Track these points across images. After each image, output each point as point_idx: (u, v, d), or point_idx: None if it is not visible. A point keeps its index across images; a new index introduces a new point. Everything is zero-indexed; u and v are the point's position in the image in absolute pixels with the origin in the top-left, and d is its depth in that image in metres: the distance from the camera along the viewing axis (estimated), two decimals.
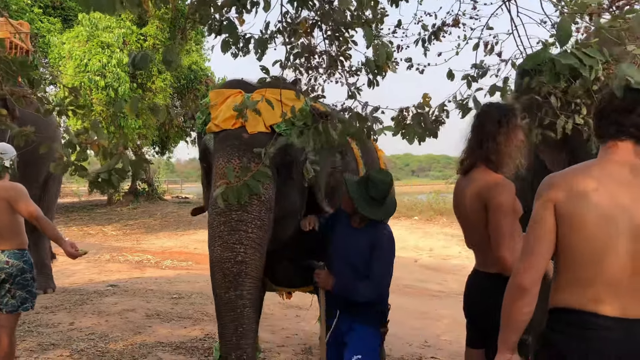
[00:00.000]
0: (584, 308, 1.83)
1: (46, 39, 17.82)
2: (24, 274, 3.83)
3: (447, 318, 6.21)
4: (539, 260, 1.90)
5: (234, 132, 2.98)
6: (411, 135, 2.47)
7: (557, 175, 1.96)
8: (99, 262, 10.59)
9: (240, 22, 2.44)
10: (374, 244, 2.96)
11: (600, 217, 1.80)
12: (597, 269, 1.81)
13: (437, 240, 13.04)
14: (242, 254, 2.81)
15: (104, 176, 2.13)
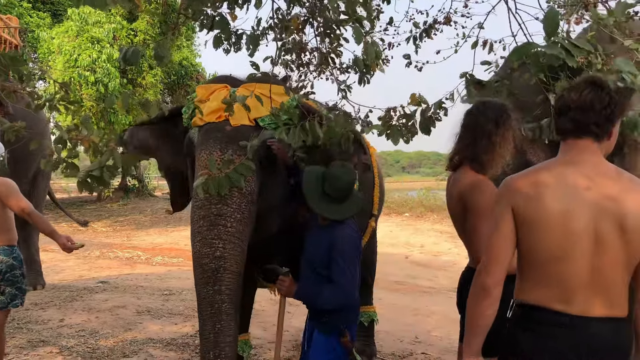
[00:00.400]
0: (550, 306, 1.84)
1: (35, 34, 17.68)
2: (13, 271, 3.80)
3: (438, 314, 6.24)
4: (501, 262, 1.92)
5: (218, 125, 2.97)
6: (395, 136, 2.48)
7: (516, 176, 1.96)
8: (89, 258, 10.53)
9: (232, 18, 2.44)
10: (332, 244, 2.78)
11: (559, 217, 1.81)
12: (558, 268, 1.82)
13: (428, 237, 13.07)
14: (220, 249, 2.79)
15: (95, 173, 2.11)
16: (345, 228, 2.84)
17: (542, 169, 1.93)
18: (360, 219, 3.91)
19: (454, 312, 2.74)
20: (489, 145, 2.50)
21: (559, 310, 1.83)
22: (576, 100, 1.88)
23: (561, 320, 1.82)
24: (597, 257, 1.79)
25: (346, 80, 3.00)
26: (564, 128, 1.93)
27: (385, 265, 9.14)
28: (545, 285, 1.86)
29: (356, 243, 2.87)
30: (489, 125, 2.51)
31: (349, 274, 2.76)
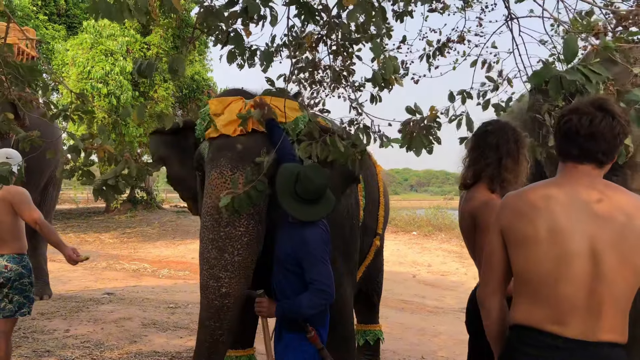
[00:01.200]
0: (543, 327, 1.81)
1: (50, 46, 17.92)
2: (22, 279, 3.82)
3: (445, 334, 6.19)
4: (492, 279, 1.96)
5: (229, 142, 2.97)
6: (419, 146, 2.47)
7: (509, 196, 1.96)
8: (95, 269, 10.55)
9: (247, 33, 2.46)
10: (303, 242, 2.75)
11: (552, 237, 1.78)
12: (553, 289, 1.79)
13: (436, 256, 13.01)
14: (226, 285, 2.81)
15: (111, 182, 2.13)
16: (316, 226, 2.81)
17: (537, 189, 1.91)
18: (365, 237, 3.91)
19: (461, 333, 2.72)
20: (513, 164, 2.50)
21: (552, 332, 1.78)
22: (587, 128, 1.82)
23: (555, 343, 1.77)
24: (595, 279, 1.75)
25: (358, 98, 3.01)
26: (568, 152, 1.89)
27: (392, 284, 9.12)
28: (539, 306, 1.83)
29: (324, 241, 2.82)
30: (513, 144, 2.51)
31: (323, 271, 2.74)
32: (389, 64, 2.36)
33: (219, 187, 2.84)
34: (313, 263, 2.72)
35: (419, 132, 2.43)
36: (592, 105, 1.85)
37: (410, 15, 3.25)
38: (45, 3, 18.93)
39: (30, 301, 3.91)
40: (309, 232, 2.77)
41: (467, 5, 3.76)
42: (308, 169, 2.76)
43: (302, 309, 2.73)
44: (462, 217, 2.62)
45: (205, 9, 2.25)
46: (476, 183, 2.57)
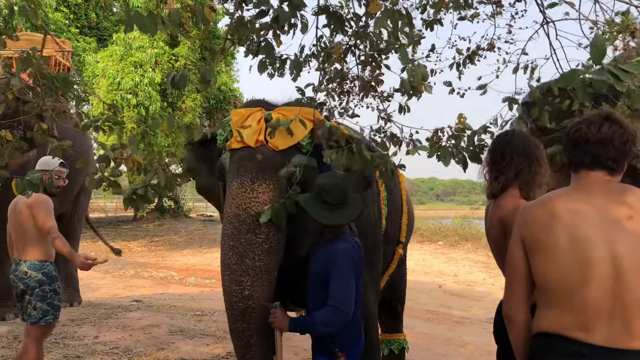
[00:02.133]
0: (569, 334, 1.80)
1: (81, 58, 18.31)
2: (42, 286, 3.86)
3: (471, 345, 6.12)
4: (517, 290, 1.95)
5: (250, 153, 3.00)
6: (447, 157, 2.46)
7: (527, 206, 1.98)
8: (124, 277, 10.70)
9: (278, 43, 2.50)
10: (330, 258, 2.75)
11: (573, 243, 1.79)
12: (577, 295, 1.79)
13: (462, 266, 12.88)
14: (248, 288, 2.82)
15: (140, 191, 2.17)
16: (344, 242, 2.81)
17: (554, 197, 1.93)
18: (387, 246, 3.90)
19: (488, 344, 2.71)
20: (542, 168, 2.52)
21: (578, 339, 1.77)
22: (595, 134, 1.89)
23: (582, 350, 1.76)
24: (617, 284, 1.75)
25: (387, 109, 3.01)
26: (579, 161, 1.94)
27: (418, 294, 9.05)
28: (563, 312, 1.82)
29: (352, 256, 2.78)
30: (537, 149, 2.53)
31: (344, 287, 2.70)
32: (418, 72, 2.37)
33: (240, 197, 2.88)
34: (335, 278, 2.70)
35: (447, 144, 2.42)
36: (599, 116, 1.92)
37: (440, 24, 3.25)
38: (76, 16, 19.38)
39: (55, 308, 3.94)
40: (339, 246, 2.78)
41: (497, 12, 3.73)
42: (322, 179, 2.81)
43: (316, 326, 2.72)
44: (491, 225, 2.60)
45: (237, 20, 2.29)
46: (504, 191, 2.56)
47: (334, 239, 2.83)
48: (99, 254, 12.61)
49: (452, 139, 2.45)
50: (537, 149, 2.54)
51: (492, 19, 3.73)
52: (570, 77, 1.91)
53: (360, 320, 2.95)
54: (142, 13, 2.07)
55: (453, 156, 2.49)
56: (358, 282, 2.83)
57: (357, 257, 2.82)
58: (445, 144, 2.45)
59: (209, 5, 2.07)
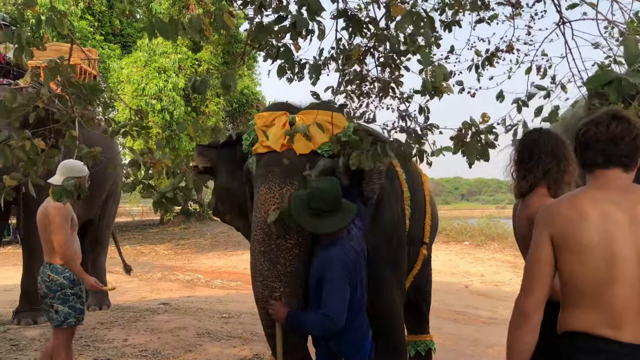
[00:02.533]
0: (597, 332, 1.79)
1: (106, 65, 18.60)
2: (64, 289, 3.93)
3: (499, 346, 6.05)
4: (540, 286, 1.91)
5: (277, 157, 3.03)
6: (473, 153, 2.45)
7: (553, 204, 1.98)
8: (151, 280, 10.83)
9: (296, 48, 2.52)
10: (324, 264, 2.76)
11: (599, 241, 1.80)
12: (605, 292, 1.79)
13: (489, 266, 12.74)
14: (279, 292, 2.87)
15: (169, 195, 2.22)
16: (339, 248, 2.79)
17: (578, 196, 1.93)
18: (411, 246, 3.89)
19: None
20: (571, 166, 2.50)
21: (607, 337, 1.77)
22: (605, 133, 1.90)
23: (610, 347, 1.76)
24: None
25: (407, 109, 3.01)
26: (593, 161, 1.94)
27: (444, 295, 8.98)
28: (591, 310, 1.82)
29: (346, 263, 2.75)
30: (565, 147, 2.51)
31: (334, 295, 2.69)
32: (439, 72, 2.37)
33: (268, 202, 2.91)
34: (328, 285, 2.70)
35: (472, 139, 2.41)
36: (606, 115, 1.94)
37: (459, 25, 3.24)
38: (101, 24, 19.70)
39: (76, 311, 4.01)
40: (334, 252, 2.78)
41: (516, 13, 3.71)
42: (315, 183, 2.80)
43: (305, 326, 2.79)
44: (519, 224, 2.58)
45: (257, 26, 2.32)
46: (532, 190, 2.54)
47: (329, 244, 2.82)
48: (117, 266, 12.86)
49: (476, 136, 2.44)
50: (565, 147, 2.52)
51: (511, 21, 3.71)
52: (602, 78, 1.89)
53: (363, 325, 2.94)
54: (163, 20, 2.11)
55: (478, 152, 2.47)
56: (357, 288, 2.82)
57: (352, 262, 2.80)
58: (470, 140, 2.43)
59: (228, 11, 2.11)
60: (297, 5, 2.38)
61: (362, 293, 2.93)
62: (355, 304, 2.82)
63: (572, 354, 1.85)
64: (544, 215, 1.96)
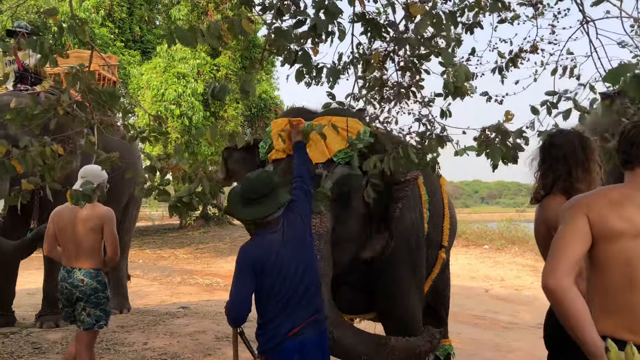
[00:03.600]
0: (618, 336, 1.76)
1: (126, 71, 18.83)
2: (97, 293, 4.01)
3: (520, 351, 5.99)
4: (568, 260, 1.83)
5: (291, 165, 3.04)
6: (497, 154, 2.41)
7: (588, 195, 1.96)
8: (170, 284, 10.90)
9: (315, 52, 2.52)
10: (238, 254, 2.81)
11: (634, 238, 1.78)
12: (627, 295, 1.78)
13: (509, 270, 12.61)
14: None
15: (185, 199, 2.23)
16: (254, 243, 2.78)
17: (608, 188, 1.95)
18: (430, 250, 3.87)
19: (537, 349, 2.65)
20: (584, 173, 2.47)
21: (628, 341, 1.74)
22: None
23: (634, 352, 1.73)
24: None
25: (429, 114, 2.99)
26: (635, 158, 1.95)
27: (464, 299, 8.90)
28: (613, 314, 1.81)
29: (252, 256, 2.70)
30: (580, 153, 2.48)
31: (232, 287, 2.70)
32: (461, 72, 2.35)
33: None
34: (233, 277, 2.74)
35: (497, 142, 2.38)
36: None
37: (480, 27, 3.21)
38: (121, 31, 19.94)
39: (107, 314, 4.11)
40: (247, 245, 2.79)
41: (538, 13, 3.65)
42: (255, 172, 2.81)
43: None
44: (537, 228, 2.56)
45: (275, 31, 2.33)
46: (549, 194, 2.52)
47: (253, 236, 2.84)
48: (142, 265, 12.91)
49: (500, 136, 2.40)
50: (583, 151, 2.48)
51: (534, 20, 3.65)
52: (619, 72, 1.84)
53: (281, 327, 2.70)
54: (183, 27, 2.13)
55: (502, 152, 2.43)
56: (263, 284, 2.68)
57: (260, 256, 2.70)
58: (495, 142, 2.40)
59: (247, 17, 2.12)
60: (315, 9, 2.38)
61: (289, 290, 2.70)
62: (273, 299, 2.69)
63: None
64: (577, 202, 1.92)
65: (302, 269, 2.71)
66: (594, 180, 2.47)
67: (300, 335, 2.67)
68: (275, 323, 2.68)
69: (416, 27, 2.37)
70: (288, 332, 2.66)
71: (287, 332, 2.66)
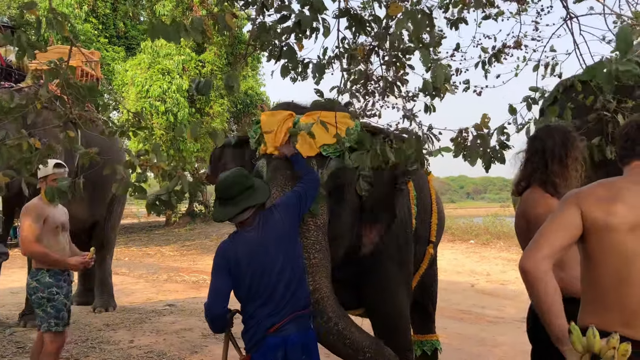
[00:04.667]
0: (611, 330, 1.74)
1: (111, 67, 18.66)
2: (37, 293, 3.87)
3: (505, 345, 6.03)
4: (550, 246, 1.81)
5: (284, 161, 3.06)
6: (474, 157, 2.43)
7: (584, 188, 1.94)
8: (156, 281, 10.83)
9: (300, 47, 2.51)
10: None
11: (628, 232, 1.77)
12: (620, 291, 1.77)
13: (495, 265, 12.68)
14: (311, 283, 2.88)
15: (164, 197, 2.21)
16: (229, 241, 2.81)
17: (610, 184, 1.91)
18: (418, 246, 3.88)
19: (522, 344, 2.66)
20: (561, 168, 2.47)
21: (621, 335, 1.73)
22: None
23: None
24: None
25: (412, 108, 3.00)
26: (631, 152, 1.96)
27: (450, 294, 8.94)
28: (607, 309, 1.81)
29: (228, 256, 2.73)
30: (559, 148, 2.48)
31: (210, 285, 2.75)
32: (440, 72, 2.35)
33: None
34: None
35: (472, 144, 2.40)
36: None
37: (465, 22, 3.22)
38: (105, 27, 19.76)
39: (50, 316, 3.86)
40: (223, 244, 2.82)
41: (522, 9, 3.68)
42: (227, 172, 2.81)
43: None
44: (517, 221, 2.58)
45: (259, 26, 2.31)
46: (529, 187, 2.54)
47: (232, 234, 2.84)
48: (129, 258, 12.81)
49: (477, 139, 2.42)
50: (563, 146, 2.49)
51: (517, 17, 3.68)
52: (595, 69, 1.86)
53: (261, 323, 2.70)
54: (165, 22, 2.11)
55: (479, 155, 2.46)
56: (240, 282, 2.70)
57: (235, 254, 2.72)
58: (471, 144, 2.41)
59: (230, 12, 2.09)
60: (299, 5, 2.36)
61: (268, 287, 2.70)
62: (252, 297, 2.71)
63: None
64: (572, 195, 1.91)
65: (281, 267, 2.70)
66: (570, 176, 2.47)
67: (283, 331, 2.67)
68: (256, 320, 2.69)
69: (396, 24, 2.37)
70: (269, 328, 2.66)
71: (268, 328, 2.66)
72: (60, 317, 3.92)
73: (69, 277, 4.14)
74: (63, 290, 3.97)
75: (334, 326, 2.88)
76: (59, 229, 4.06)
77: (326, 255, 2.98)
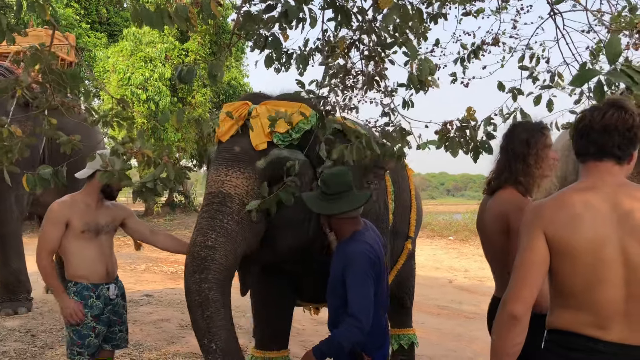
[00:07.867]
0: (583, 332, 1.79)
1: (92, 53, 18.41)
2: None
3: (482, 340, 6.09)
4: (531, 289, 1.85)
5: (229, 145, 3.07)
6: (455, 148, 2.44)
7: (544, 202, 1.91)
8: (134, 272, 10.75)
9: (285, 37, 2.49)
10: (345, 261, 2.65)
11: (589, 243, 1.76)
12: (592, 295, 1.77)
13: (473, 262, 12.81)
14: (212, 239, 2.82)
15: (149, 185, 2.18)
16: (360, 243, 2.68)
17: (569, 195, 1.88)
18: (396, 241, 3.88)
19: None
20: (524, 167, 2.43)
21: (593, 337, 1.77)
22: (599, 122, 1.85)
23: (597, 346, 1.77)
24: (632, 285, 1.74)
25: (391, 103, 3.00)
26: (586, 151, 1.89)
27: (428, 289, 9.01)
28: (578, 311, 1.81)
29: (370, 258, 2.64)
30: (521, 147, 2.44)
31: (360, 296, 2.59)
32: (425, 66, 2.35)
33: (214, 180, 2.97)
34: (352, 287, 2.59)
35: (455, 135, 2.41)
36: (605, 104, 1.88)
37: (445, 18, 3.23)
38: (87, 12, 19.48)
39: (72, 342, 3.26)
40: (352, 247, 2.67)
41: (502, 7, 3.72)
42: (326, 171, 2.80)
43: (343, 345, 2.59)
44: (492, 219, 2.52)
45: (245, 15, 2.29)
46: (500, 187, 2.50)
47: (349, 239, 2.72)
48: None
49: (459, 131, 2.43)
50: (526, 144, 2.43)
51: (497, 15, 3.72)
52: (585, 77, 1.87)
53: (384, 323, 2.89)
54: (149, 8, 2.07)
55: (461, 146, 2.46)
56: (379, 284, 2.72)
57: (375, 257, 2.68)
58: (454, 135, 2.42)
59: (215, 0, 2.07)
60: None
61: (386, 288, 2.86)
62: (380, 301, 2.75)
63: (563, 348, 1.85)
64: (536, 216, 1.89)
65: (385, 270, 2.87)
66: (534, 174, 2.43)
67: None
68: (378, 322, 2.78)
69: (384, 18, 2.36)
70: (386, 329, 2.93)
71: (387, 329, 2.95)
72: (86, 344, 3.25)
73: (110, 291, 3.49)
74: (94, 311, 3.29)
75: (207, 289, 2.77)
76: (90, 234, 3.42)
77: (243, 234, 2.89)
